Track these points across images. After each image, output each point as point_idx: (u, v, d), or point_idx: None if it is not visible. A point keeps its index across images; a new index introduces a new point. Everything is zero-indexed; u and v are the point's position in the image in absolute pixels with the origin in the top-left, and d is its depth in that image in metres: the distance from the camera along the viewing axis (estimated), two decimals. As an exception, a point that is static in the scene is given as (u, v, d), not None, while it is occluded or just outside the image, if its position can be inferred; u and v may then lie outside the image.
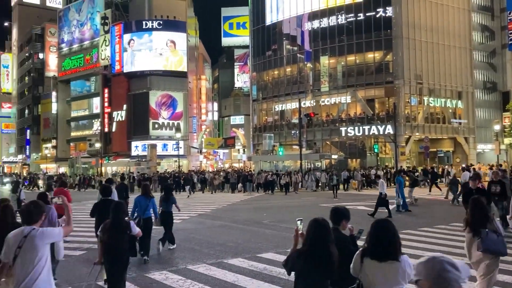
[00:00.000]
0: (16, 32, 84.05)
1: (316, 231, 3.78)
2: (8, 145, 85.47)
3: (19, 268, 3.91)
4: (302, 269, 3.76)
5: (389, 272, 3.53)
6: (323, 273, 3.72)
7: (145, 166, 44.78)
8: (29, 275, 3.88)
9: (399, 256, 3.54)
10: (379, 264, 3.55)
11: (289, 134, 49.27)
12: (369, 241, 3.64)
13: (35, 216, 4.19)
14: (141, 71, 52.80)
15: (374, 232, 3.64)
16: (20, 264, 3.90)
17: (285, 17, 51.56)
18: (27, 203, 4.50)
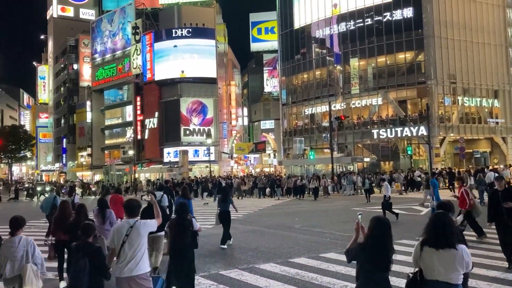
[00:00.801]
0: (51, 45, 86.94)
1: (378, 228, 4.08)
2: (46, 154, 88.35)
3: (127, 251, 4.92)
4: (364, 262, 4.06)
5: (446, 259, 3.95)
6: (383, 266, 4.04)
7: (177, 172, 45.31)
8: (134, 257, 4.92)
9: (456, 244, 3.96)
10: (436, 251, 3.97)
11: (320, 137, 48.92)
12: (427, 231, 4.11)
13: (136, 210, 5.30)
14: (171, 79, 53.60)
15: (431, 223, 4.12)
16: (127, 248, 4.92)
17: (314, 20, 51.34)
18: (130, 200, 5.59)
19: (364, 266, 4.06)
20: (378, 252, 3.99)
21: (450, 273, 3.93)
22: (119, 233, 5.01)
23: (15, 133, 70.49)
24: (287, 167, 49.90)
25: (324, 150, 44.88)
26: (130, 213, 5.23)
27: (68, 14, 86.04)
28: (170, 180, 28.64)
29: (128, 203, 5.37)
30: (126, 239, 4.93)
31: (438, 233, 4.01)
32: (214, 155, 50.57)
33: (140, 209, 5.41)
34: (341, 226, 14.50)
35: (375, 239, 4.03)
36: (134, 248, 4.93)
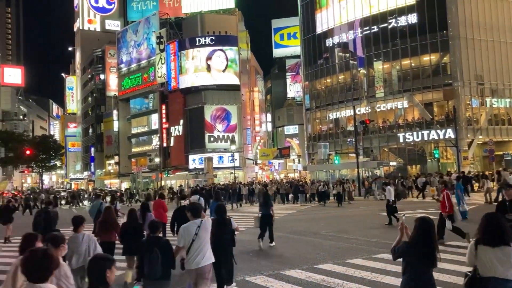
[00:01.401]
0: (79, 56, 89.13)
1: (423, 227, 4.34)
2: (75, 163, 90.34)
3: (195, 247, 5.76)
4: (411, 259, 4.32)
5: (502, 256, 4.14)
6: (428, 262, 4.28)
7: (203, 179, 45.64)
8: (202, 251, 5.79)
9: (510, 241, 4.17)
10: (492, 249, 4.17)
11: (345, 142, 48.57)
12: (481, 230, 4.31)
13: (200, 211, 6.19)
14: (195, 87, 54.18)
15: (486, 223, 4.32)
16: (196, 244, 5.75)
17: (336, 24, 51.18)
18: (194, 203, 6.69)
19: (410, 262, 4.32)
20: (423, 249, 4.24)
21: (507, 270, 4.12)
22: (189, 233, 5.81)
23: (45, 142, 72.16)
24: (312, 172, 49.65)
25: (349, 154, 44.56)
26: (195, 214, 6.04)
27: (94, 26, 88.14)
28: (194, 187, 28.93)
29: (193, 206, 6.31)
30: (195, 238, 5.75)
31: (493, 231, 4.22)
32: (238, 161, 50.76)
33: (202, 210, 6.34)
34: (367, 231, 14.35)
35: (420, 237, 4.29)
36: (201, 244, 5.79)
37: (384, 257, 10.24)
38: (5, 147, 51.11)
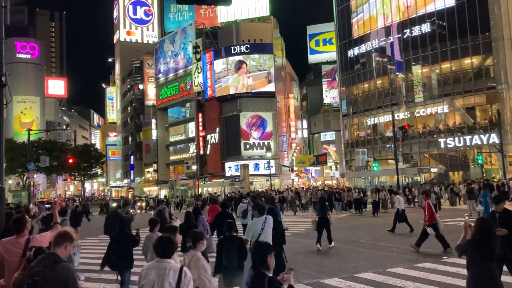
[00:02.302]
0: (118, 67, 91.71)
1: (482, 226, 4.81)
2: (115, 171, 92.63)
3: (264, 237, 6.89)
4: (473, 256, 4.79)
5: None
6: (489, 258, 4.71)
7: (239, 186, 45.71)
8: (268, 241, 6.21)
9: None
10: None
11: (384, 148, 47.62)
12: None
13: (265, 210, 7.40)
14: (231, 95, 54.56)
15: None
16: (262, 237, 6.90)
17: (373, 29, 50.48)
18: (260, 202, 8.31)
19: (473, 258, 4.79)
20: (484, 245, 4.70)
21: None
22: (256, 228, 7.13)
23: (87, 151, 74.49)
24: (350, 179, 48.92)
25: (388, 161, 43.63)
26: (260, 212, 7.30)
27: (133, 37, 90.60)
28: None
29: (259, 205, 7.59)
30: (261, 232, 7.03)
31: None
32: (274, 168, 50.59)
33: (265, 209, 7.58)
34: (408, 240, 13.86)
35: (480, 236, 4.76)
36: (266, 237, 6.96)
37: (426, 266, 9.87)
38: (49, 156, 52.93)
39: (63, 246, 3.86)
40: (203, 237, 4.97)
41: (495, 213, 7.03)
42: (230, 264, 6.18)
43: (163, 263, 4.01)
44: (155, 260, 4.05)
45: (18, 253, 4.61)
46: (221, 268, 6.30)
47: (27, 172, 38.67)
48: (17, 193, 56.94)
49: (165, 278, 3.88)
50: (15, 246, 4.68)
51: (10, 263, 4.60)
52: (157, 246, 4.07)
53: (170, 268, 3.96)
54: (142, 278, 4.02)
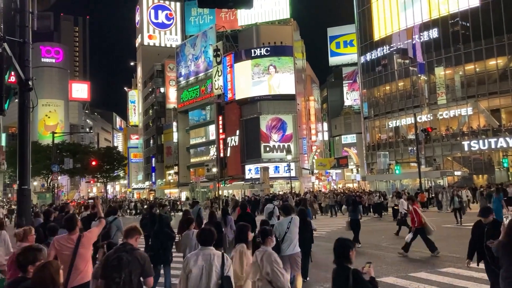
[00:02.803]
0: (140, 70, 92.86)
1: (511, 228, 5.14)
2: (137, 173, 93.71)
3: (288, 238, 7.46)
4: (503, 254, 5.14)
5: None
6: None
7: (259, 189, 45.76)
8: (293, 241, 7.51)
9: None
10: None
11: (406, 151, 46.99)
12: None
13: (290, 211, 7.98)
14: (251, 97, 54.65)
15: None
16: (288, 236, 7.47)
17: (394, 30, 49.95)
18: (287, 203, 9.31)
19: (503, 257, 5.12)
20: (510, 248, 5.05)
21: None
22: (282, 226, 7.60)
23: (109, 154, 75.41)
24: (371, 182, 48.43)
25: (411, 164, 42.97)
26: (286, 213, 7.89)
27: (154, 41, 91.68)
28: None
29: (285, 206, 8.26)
30: (287, 231, 7.46)
31: None
32: (294, 171, 50.42)
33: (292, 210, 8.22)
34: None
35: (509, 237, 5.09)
36: (292, 236, 7.51)
37: (450, 271, 9.69)
38: (73, 158, 53.90)
39: (134, 238, 4.77)
40: (272, 233, 5.32)
41: (483, 225, 6.55)
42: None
43: (207, 250, 4.67)
44: (199, 248, 4.75)
45: (70, 248, 5.21)
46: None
47: (52, 174, 39.45)
48: (42, 194, 58.10)
49: (211, 262, 4.54)
50: (68, 242, 5.28)
51: (62, 257, 5.16)
52: (201, 236, 4.79)
53: (214, 253, 4.63)
54: (191, 263, 4.57)
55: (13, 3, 7.46)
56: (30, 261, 3.63)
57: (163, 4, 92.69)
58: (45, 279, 3.14)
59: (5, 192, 76.12)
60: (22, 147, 7.26)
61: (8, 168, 61.15)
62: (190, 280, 4.53)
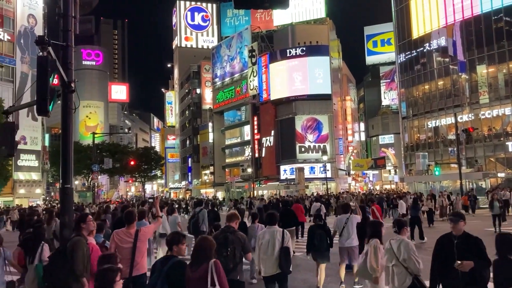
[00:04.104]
0: (177, 72, 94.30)
1: None
2: (174, 173, 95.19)
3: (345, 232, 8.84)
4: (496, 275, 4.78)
5: None
6: None
7: (294, 189, 45.56)
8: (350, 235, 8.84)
9: None
10: None
11: (446, 151, 45.66)
12: None
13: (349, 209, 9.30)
14: (286, 97, 54.50)
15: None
16: (346, 230, 8.84)
17: (434, 28, 48.65)
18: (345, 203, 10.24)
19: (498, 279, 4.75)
20: None
21: None
22: (340, 222, 8.96)
23: (147, 154, 77.16)
24: (410, 184, 47.36)
25: (451, 165, 41.71)
26: (345, 211, 9.19)
27: (191, 43, 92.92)
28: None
29: (345, 205, 9.64)
30: (345, 226, 8.82)
31: None
32: (330, 172, 49.89)
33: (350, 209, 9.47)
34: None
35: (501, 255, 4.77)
36: (350, 230, 8.80)
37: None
38: (112, 158, 55.34)
39: (234, 222, 5.95)
40: (407, 224, 6.22)
41: (451, 237, 5.15)
42: (320, 245, 8.49)
43: (272, 228, 6.52)
44: (267, 227, 6.62)
45: (129, 241, 5.54)
46: (312, 249, 8.60)
47: (92, 173, 40.60)
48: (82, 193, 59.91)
49: (275, 236, 6.36)
50: (127, 235, 5.63)
51: (122, 250, 5.53)
52: (267, 218, 6.77)
53: (277, 230, 6.42)
54: (261, 237, 6.48)
55: (57, 8, 7.69)
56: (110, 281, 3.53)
57: (199, 6, 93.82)
58: None
59: (48, 190, 78.93)
60: (65, 147, 7.46)
61: (51, 167, 63.46)
62: (261, 249, 6.39)
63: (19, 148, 44.48)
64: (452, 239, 5.15)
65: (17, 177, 53.39)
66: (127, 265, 5.45)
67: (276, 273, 6.24)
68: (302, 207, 17.25)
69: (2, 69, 53.02)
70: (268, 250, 6.27)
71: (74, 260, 4.83)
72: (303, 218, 17.05)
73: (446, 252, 5.11)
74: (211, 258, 4.11)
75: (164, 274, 4.16)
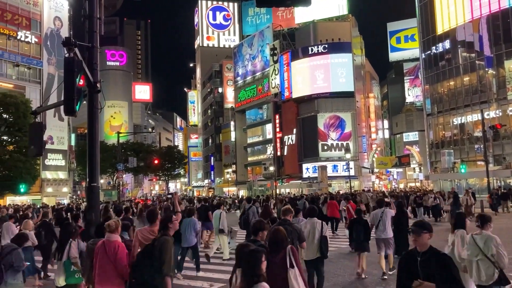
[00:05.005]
0: (199, 71, 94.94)
1: None
2: (197, 171, 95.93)
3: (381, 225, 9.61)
4: None
5: None
6: None
7: (317, 188, 45.32)
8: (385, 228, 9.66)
9: None
10: None
11: (472, 149, 44.72)
12: None
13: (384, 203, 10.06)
14: (308, 95, 54.24)
15: None
16: (381, 223, 9.62)
17: (459, 23, 47.65)
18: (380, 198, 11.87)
19: None
20: None
21: None
22: (376, 216, 9.79)
23: (171, 153, 77.95)
24: (435, 181, 46.58)
25: (478, 162, 40.84)
26: (380, 205, 9.99)
27: (213, 42, 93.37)
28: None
29: (379, 200, 10.66)
30: (380, 219, 9.64)
31: None
32: (353, 170, 49.45)
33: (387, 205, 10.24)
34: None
35: None
36: (385, 223, 9.64)
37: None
38: (137, 157, 56.14)
39: (289, 215, 6.80)
40: (491, 220, 5.87)
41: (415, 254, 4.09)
42: (358, 237, 9.63)
43: (313, 219, 7.51)
44: (308, 219, 7.61)
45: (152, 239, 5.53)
46: (353, 240, 10.01)
47: (117, 172, 41.23)
48: (108, 191, 60.91)
49: (315, 226, 7.38)
50: (150, 233, 5.82)
51: None
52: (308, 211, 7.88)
53: (316, 222, 7.44)
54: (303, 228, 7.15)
55: (82, 10, 7.84)
56: None
57: (220, 6, 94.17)
58: None
59: (74, 189, 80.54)
60: (91, 147, 7.60)
61: (77, 166, 64.71)
62: None
63: (46, 148, 45.49)
64: (416, 256, 4.07)
65: (45, 176, 54.64)
66: None
67: (316, 257, 7.27)
68: (337, 204, 18.28)
69: (30, 71, 54.34)
70: (309, 238, 7.25)
71: (162, 260, 5.03)
72: (337, 214, 18.01)
73: (409, 272, 4.05)
74: (287, 244, 4.77)
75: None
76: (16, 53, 52.95)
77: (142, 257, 5.24)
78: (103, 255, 5.39)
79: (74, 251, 6.84)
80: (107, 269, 5.36)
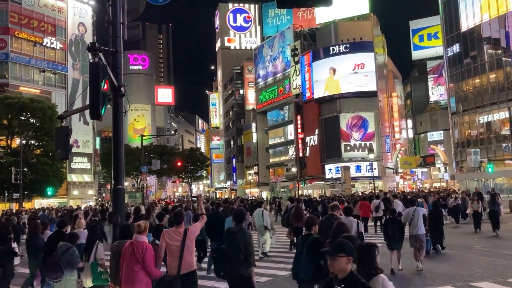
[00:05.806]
0: (220, 73, 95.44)
1: None
2: (219, 173, 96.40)
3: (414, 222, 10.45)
4: None
5: None
6: None
7: (340, 189, 44.96)
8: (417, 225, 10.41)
9: None
10: None
11: (499, 147, 43.69)
12: None
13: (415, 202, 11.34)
14: (330, 96, 53.91)
15: None
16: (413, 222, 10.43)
17: (484, 20, 46.64)
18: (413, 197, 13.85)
19: None
20: None
21: None
22: (408, 214, 10.59)
23: (193, 155, 78.56)
24: (461, 181, 45.67)
25: (505, 161, 39.90)
26: (412, 204, 10.96)
27: (233, 44, 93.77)
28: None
29: (412, 199, 11.82)
30: (412, 217, 10.39)
31: None
32: (377, 170, 48.84)
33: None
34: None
35: None
36: (416, 221, 10.38)
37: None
38: (160, 159, 56.76)
39: (336, 211, 7.35)
40: None
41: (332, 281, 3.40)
42: (393, 235, 10.09)
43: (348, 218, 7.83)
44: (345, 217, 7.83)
45: (179, 240, 5.78)
46: (388, 238, 10.30)
47: (141, 174, 41.77)
48: (132, 194, 61.70)
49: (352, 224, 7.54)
50: (176, 234, 5.85)
51: (171, 248, 5.78)
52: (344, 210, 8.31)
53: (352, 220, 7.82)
54: None
55: (106, 15, 8.00)
56: None
57: (241, 8, 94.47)
58: None
59: (100, 191, 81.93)
60: (117, 150, 7.74)
61: (102, 169, 65.86)
62: None
63: (72, 151, 46.43)
64: (333, 285, 3.34)
65: (71, 179, 55.78)
66: (176, 262, 5.71)
67: None
68: (368, 204, 18.97)
69: (56, 76, 55.60)
70: None
71: (248, 251, 5.80)
72: (368, 213, 18.76)
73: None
74: None
75: (306, 247, 5.61)
76: (42, 59, 54.27)
77: (229, 249, 5.81)
78: (131, 256, 5.47)
79: (101, 252, 6.98)
80: (134, 269, 5.44)
